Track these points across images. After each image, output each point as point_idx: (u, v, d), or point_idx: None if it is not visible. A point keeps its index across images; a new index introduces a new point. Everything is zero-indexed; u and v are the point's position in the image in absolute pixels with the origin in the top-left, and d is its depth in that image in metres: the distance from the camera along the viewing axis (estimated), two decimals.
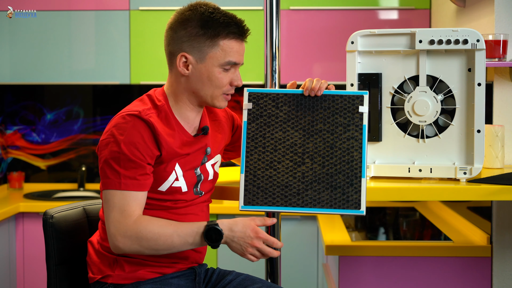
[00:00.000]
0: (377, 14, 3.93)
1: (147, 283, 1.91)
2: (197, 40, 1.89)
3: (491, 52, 2.45)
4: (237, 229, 1.84)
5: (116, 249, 1.83)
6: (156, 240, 1.81)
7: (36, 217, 3.68)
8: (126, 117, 1.86)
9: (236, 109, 4.08)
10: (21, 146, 4.18)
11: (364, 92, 1.94)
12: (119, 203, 1.82)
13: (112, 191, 1.83)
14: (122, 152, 1.82)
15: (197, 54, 1.90)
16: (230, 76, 1.93)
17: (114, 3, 3.95)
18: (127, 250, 1.83)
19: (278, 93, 1.97)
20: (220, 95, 1.94)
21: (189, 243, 1.83)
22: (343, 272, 2.74)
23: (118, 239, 1.81)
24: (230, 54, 1.91)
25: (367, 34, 2.14)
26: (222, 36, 1.89)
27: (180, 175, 1.92)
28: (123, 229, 1.81)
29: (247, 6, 3.89)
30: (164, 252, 1.84)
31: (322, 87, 1.94)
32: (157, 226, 1.82)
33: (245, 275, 2.06)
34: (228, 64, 1.91)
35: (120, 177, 1.82)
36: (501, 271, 2.67)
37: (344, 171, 1.91)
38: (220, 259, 3.74)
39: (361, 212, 1.89)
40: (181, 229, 1.83)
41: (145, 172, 1.85)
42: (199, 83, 1.92)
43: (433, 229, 3.09)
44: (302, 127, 1.94)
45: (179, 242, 1.83)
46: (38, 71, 3.98)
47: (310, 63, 3.93)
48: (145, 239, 1.81)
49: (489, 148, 2.42)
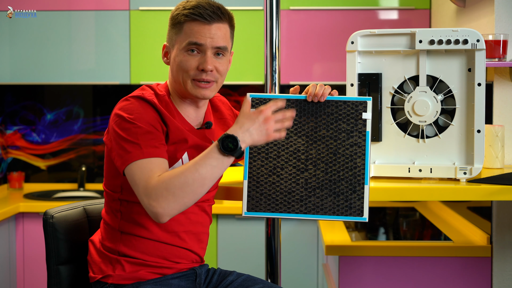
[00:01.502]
0: (377, 14, 3.93)
1: (147, 284, 1.91)
2: (170, 29, 1.97)
3: (491, 52, 2.45)
4: (245, 123, 1.78)
5: (160, 218, 1.75)
6: (185, 182, 1.74)
7: (36, 217, 3.68)
8: (130, 99, 1.89)
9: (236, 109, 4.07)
10: (21, 146, 4.18)
11: (368, 98, 1.92)
12: (142, 173, 1.78)
13: (135, 164, 1.79)
14: (138, 126, 1.83)
15: (170, 41, 1.97)
16: (198, 60, 1.92)
17: (114, 3, 3.95)
18: (170, 211, 1.75)
19: (281, 99, 1.96)
20: (189, 81, 1.92)
21: (214, 165, 1.76)
22: (343, 272, 2.74)
23: (153, 205, 1.74)
24: (191, 35, 1.91)
25: (367, 34, 2.14)
26: (185, 21, 1.92)
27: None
28: (153, 193, 1.75)
29: (247, 6, 3.89)
30: (201, 189, 1.76)
31: (326, 93, 1.93)
32: (179, 171, 1.75)
33: (246, 276, 2.06)
34: (190, 44, 1.91)
35: (141, 147, 1.80)
36: (501, 271, 2.67)
37: (347, 178, 1.90)
38: (221, 259, 3.74)
39: (364, 219, 1.88)
40: (200, 159, 1.77)
41: (162, 142, 1.85)
42: (174, 71, 1.95)
43: (433, 229, 3.09)
44: (305, 133, 1.94)
45: (205, 170, 1.75)
46: (38, 71, 3.98)
47: (310, 63, 3.93)
48: (175, 188, 1.74)
49: (489, 148, 2.42)
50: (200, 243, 2.02)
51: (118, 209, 1.94)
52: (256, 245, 3.68)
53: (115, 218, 1.95)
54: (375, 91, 2.15)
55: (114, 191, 1.95)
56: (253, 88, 4.03)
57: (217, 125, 2.06)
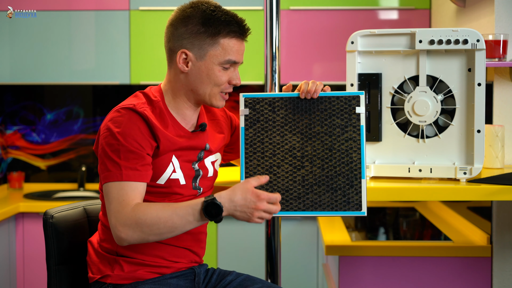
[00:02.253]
0: (377, 14, 3.93)
1: (145, 283, 1.91)
2: (197, 37, 1.90)
3: (491, 52, 2.45)
4: (237, 198, 1.78)
5: (120, 241, 1.80)
6: (157, 224, 1.77)
7: (36, 217, 3.68)
8: (121, 111, 1.87)
9: (236, 109, 4.08)
10: (21, 146, 4.18)
11: (360, 92, 1.93)
12: (118, 194, 1.81)
13: (112, 183, 1.82)
14: (121, 144, 1.82)
15: (197, 51, 1.91)
16: (229, 74, 1.94)
17: (114, 3, 3.95)
18: (131, 239, 1.79)
19: (274, 97, 1.96)
20: (218, 94, 1.94)
21: (190, 221, 1.79)
22: (343, 272, 2.74)
23: (119, 229, 1.78)
24: (230, 53, 1.91)
25: (367, 34, 2.14)
26: (223, 34, 1.90)
27: (177, 166, 1.92)
28: (123, 219, 1.78)
29: (247, 6, 3.89)
30: (168, 235, 1.80)
31: (318, 89, 1.94)
32: (155, 210, 1.78)
33: (245, 276, 2.05)
34: (228, 62, 1.92)
35: (121, 168, 1.81)
36: (501, 271, 2.67)
37: (344, 173, 1.91)
38: (220, 259, 3.74)
39: (363, 213, 1.89)
40: (180, 209, 1.79)
41: (145, 162, 1.84)
42: (198, 81, 1.92)
43: (433, 229, 3.09)
44: (300, 131, 1.94)
45: (180, 222, 1.78)
46: (38, 71, 3.98)
47: (310, 63, 3.93)
48: (145, 224, 1.77)
49: (489, 148, 2.42)
50: (199, 242, 2.02)
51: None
52: (256, 245, 3.68)
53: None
54: (375, 91, 2.15)
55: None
56: (253, 88, 4.03)
57: (210, 126, 2.06)
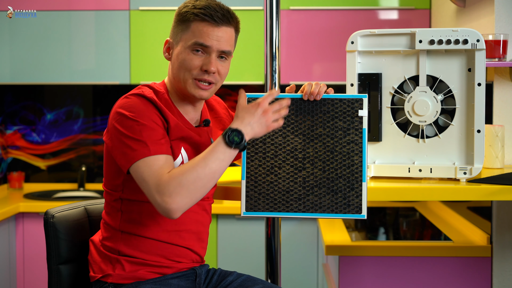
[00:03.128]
0: (377, 14, 3.93)
1: (146, 283, 1.92)
2: (176, 25, 1.96)
3: (491, 52, 2.45)
4: (245, 117, 1.83)
5: (172, 213, 1.76)
6: (198, 177, 1.76)
7: (36, 217, 3.68)
8: (130, 97, 1.89)
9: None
10: (21, 146, 4.18)
11: (363, 95, 1.94)
12: (153, 169, 1.78)
13: (143, 161, 1.79)
14: (140, 124, 1.83)
15: (174, 37, 1.96)
16: (202, 60, 1.92)
17: (114, 3, 3.96)
18: (184, 205, 1.76)
19: (277, 98, 1.96)
20: (191, 80, 1.92)
21: (222, 159, 1.79)
22: (343, 272, 2.74)
23: (167, 201, 1.75)
24: (198, 35, 1.91)
25: (367, 34, 2.14)
26: (194, 20, 1.92)
27: (186, 159, 1.93)
28: (167, 190, 1.76)
29: (247, 6, 3.89)
30: (211, 183, 1.79)
31: (321, 91, 1.94)
32: (190, 167, 1.77)
33: (246, 276, 2.06)
34: (196, 44, 1.91)
35: (147, 145, 1.80)
36: (501, 271, 2.67)
37: (345, 176, 1.91)
38: (221, 259, 3.74)
39: (362, 216, 1.89)
40: (206, 153, 1.79)
41: (166, 138, 1.86)
42: (175, 67, 1.95)
43: (433, 229, 3.09)
44: (302, 132, 1.94)
45: (214, 164, 1.78)
46: (38, 71, 3.98)
47: (310, 63, 3.93)
48: (187, 183, 1.76)
49: (489, 148, 2.42)
50: (200, 242, 2.02)
51: (119, 209, 1.95)
52: (256, 245, 3.69)
53: (116, 218, 1.95)
54: (375, 91, 2.15)
55: (115, 190, 1.95)
56: (253, 88, 4.03)
57: (213, 123, 2.07)
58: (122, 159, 1.84)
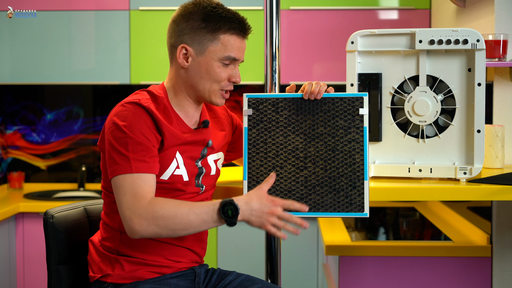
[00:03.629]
0: (377, 14, 3.93)
1: (146, 283, 1.91)
2: (198, 33, 1.91)
3: (491, 52, 2.45)
4: (253, 203, 1.82)
5: (133, 233, 1.79)
6: (173, 219, 1.78)
7: (36, 217, 3.68)
8: (126, 105, 1.88)
9: (236, 109, 4.08)
10: (21, 146, 4.18)
11: (364, 93, 1.94)
12: (131, 187, 1.80)
13: (123, 176, 1.81)
14: (129, 136, 1.82)
15: (197, 46, 1.92)
16: (229, 72, 1.94)
17: (114, 3, 3.96)
18: (144, 233, 1.79)
19: (278, 98, 1.96)
20: (218, 91, 1.94)
21: (206, 220, 1.80)
22: (343, 272, 2.74)
23: (134, 221, 1.78)
24: (230, 49, 1.91)
25: (367, 34, 2.14)
26: (223, 30, 1.91)
27: (181, 163, 1.93)
28: (139, 211, 1.78)
29: (247, 6, 3.89)
30: (182, 232, 1.80)
31: (322, 90, 1.94)
32: (173, 205, 1.79)
33: (245, 276, 2.06)
34: (228, 59, 1.92)
35: (130, 161, 1.81)
36: (501, 271, 2.67)
37: (347, 174, 1.91)
38: (220, 259, 3.74)
39: (365, 214, 1.89)
40: (197, 207, 1.80)
41: (153, 154, 1.85)
42: (198, 76, 1.92)
43: (433, 229, 3.09)
44: (303, 131, 1.94)
45: (195, 220, 1.79)
46: (38, 71, 3.98)
47: (310, 63, 3.93)
48: (161, 218, 1.78)
49: (489, 148, 2.42)
50: (200, 242, 2.02)
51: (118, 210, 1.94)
52: (256, 245, 3.69)
53: (115, 219, 1.94)
54: (375, 91, 2.15)
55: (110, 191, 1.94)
56: (253, 88, 4.03)
57: (211, 124, 2.06)
58: (108, 169, 1.86)
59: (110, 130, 1.86)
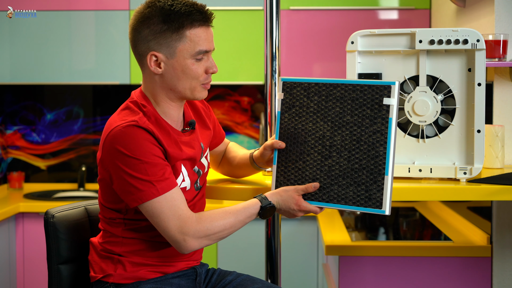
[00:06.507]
0: (377, 14, 3.93)
1: (147, 283, 1.91)
2: (162, 36, 1.85)
3: (491, 52, 2.45)
4: (283, 203, 1.91)
5: (187, 250, 1.84)
6: (222, 232, 1.86)
7: (36, 217, 3.68)
8: (125, 129, 1.81)
9: (236, 109, 4.08)
10: (21, 146, 4.18)
11: (392, 82, 1.85)
12: (170, 211, 1.81)
13: (152, 201, 1.80)
14: (143, 162, 1.79)
15: (166, 50, 1.86)
16: (204, 64, 1.89)
17: (114, 3, 3.95)
18: (198, 247, 1.85)
19: (310, 83, 1.93)
20: (199, 86, 1.90)
21: (246, 223, 1.90)
22: (343, 272, 2.74)
23: (189, 242, 1.82)
24: (199, 42, 1.86)
25: (367, 34, 2.14)
26: (187, 26, 1.85)
27: (186, 175, 1.92)
28: (191, 233, 1.82)
29: (247, 6, 3.89)
30: (228, 235, 1.89)
31: None
32: (220, 218, 1.86)
33: (245, 276, 2.06)
34: (199, 53, 1.87)
35: (153, 184, 1.79)
36: (501, 271, 2.67)
37: (369, 167, 1.84)
38: (220, 259, 3.74)
39: (383, 211, 1.82)
40: (240, 214, 1.88)
41: (169, 170, 1.84)
42: (175, 79, 1.88)
43: (433, 229, 3.09)
44: (331, 119, 1.90)
45: (240, 225, 1.89)
46: (38, 71, 3.98)
47: (310, 63, 3.93)
48: (212, 234, 1.84)
49: (489, 148, 2.42)
50: None
51: (122, 223, 1.92)
52: (256, 245, 3.69)
53: (117, 229, 1.92)
54: None
55: (116, 210, 1.92)
56: (253, 88, 4.03)
57: (197, 124, 2.03)
58: (127, 197, 1.82)
59: (118, 158, 1.80)
